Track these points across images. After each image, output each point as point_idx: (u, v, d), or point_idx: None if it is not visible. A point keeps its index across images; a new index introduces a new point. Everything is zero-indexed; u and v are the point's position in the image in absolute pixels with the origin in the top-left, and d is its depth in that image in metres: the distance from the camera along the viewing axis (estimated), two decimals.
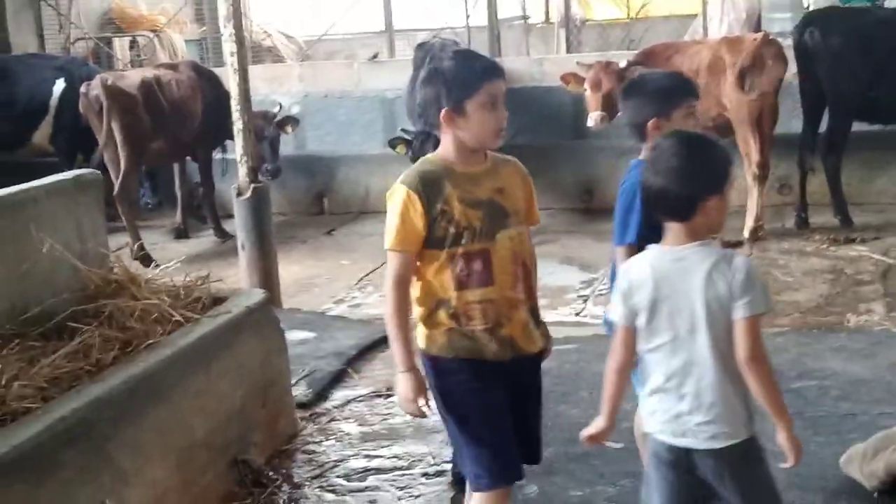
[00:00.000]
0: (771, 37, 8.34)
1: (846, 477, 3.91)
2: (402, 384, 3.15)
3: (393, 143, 8.26)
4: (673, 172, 2.71)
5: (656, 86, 3.58)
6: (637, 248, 3.03)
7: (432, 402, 3.20)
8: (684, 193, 2.69)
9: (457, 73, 3.12)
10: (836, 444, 4.12)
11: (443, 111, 3.09)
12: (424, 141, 8.12)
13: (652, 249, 2.81)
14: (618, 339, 2.83)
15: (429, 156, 3.22)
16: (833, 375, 5.04)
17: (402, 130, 8.36)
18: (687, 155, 2.73)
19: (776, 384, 2.72)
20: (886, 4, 11.05)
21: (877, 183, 8.83)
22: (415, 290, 3.18)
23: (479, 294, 3.11)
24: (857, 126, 8.16)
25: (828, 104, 8.14)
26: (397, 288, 3.12)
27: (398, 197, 3.10)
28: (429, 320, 3.16)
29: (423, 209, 3.07)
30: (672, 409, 2.74)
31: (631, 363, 2.85)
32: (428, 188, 3.09)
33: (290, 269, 7.71)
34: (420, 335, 3.20)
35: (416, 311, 3.19)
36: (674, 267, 2.73)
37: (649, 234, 2.95)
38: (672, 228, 2.76)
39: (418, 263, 3.14)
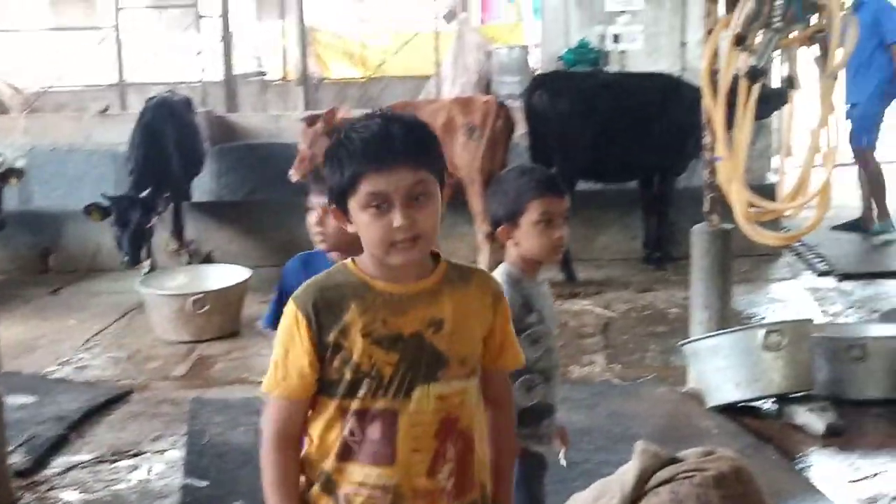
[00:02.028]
0: (500, 98, 8.66)
1: None
2: None
3: (87, 210, 7.97)
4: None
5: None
6: None
7: None
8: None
9: None
10: (562, 492, 4.25)
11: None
12: (128, 208, 7.94)
13: None
14: None
15: (347, 261, 2.28)
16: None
17: (102, 195, 8.09)
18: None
19: None
20: (608, 69, 11.68)
21: (599, 240, 9.25)
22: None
23: (371, 474, 2.20)
24: (582, 185, 8.53)
25: (555, 164, 8.47)
26: (277, 449, 2.24)
27: (285, 320, 2.23)
28: (302, 497, 2.27)
29: (310, 340, 2.19)
30: None
31: None
32: (324, 310, 2.19)
33: (12, 330, 7.35)
34: None
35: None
36: None
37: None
38: None
39: (310, 412, 2.27)
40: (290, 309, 2.22)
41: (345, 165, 2.15)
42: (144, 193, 7.99)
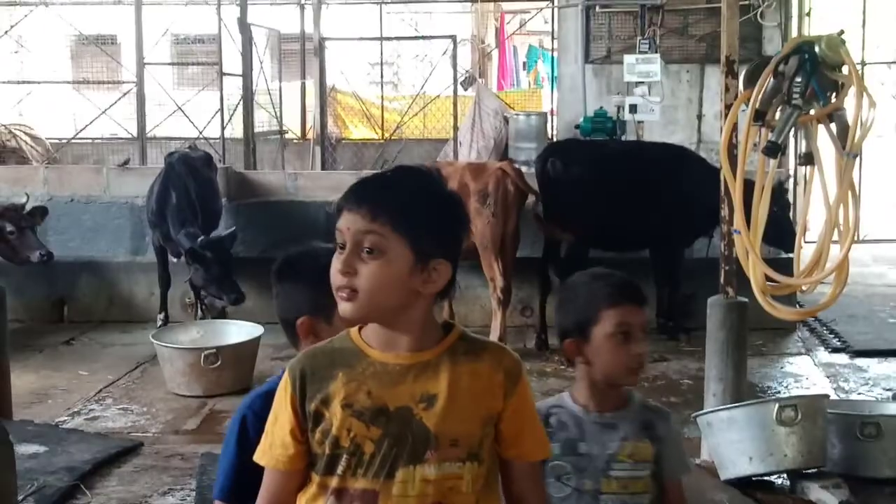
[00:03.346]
0: (514, 164, 8.71)
1: None
2: None
3: (196, 254, 8.08)
4: None
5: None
6: None
7: None
8: None
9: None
10: None
11: None
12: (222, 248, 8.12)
13: None
14: None
15: (353, 328, 2.11)
16: None
17: (198, 241, 8.17)
18: None
19: None
20: (625, 138, 11.77)
21: None
22: None
23: None
24: (594, 252, 8.55)
25: (567, 231, 8.50)
26: None
27: (280, 386, 2.12)
28: None
29: (292, 408, 2.07)
30: None
31: None
32: (310, 377, 2.06)
33: (25, 379, 7.36)
34: None
35: None
36: None
37: None
38: None
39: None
40: (285, 374, 2.11)
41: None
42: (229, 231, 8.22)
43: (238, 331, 7.67)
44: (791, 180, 9.70)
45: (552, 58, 14.11)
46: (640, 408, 2.71)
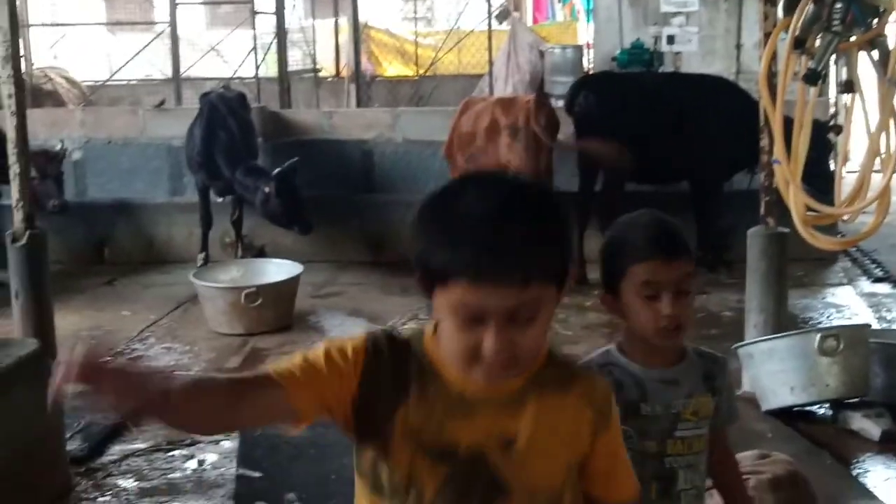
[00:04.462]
0: (547, 97, 8.62)
1: None
2: None
3: (285, 176, 8.11)
4: None
5: None
6: None
7: None
8: None
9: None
10: None
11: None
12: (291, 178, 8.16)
13: None
14: None
15: (428, 329, 1.78)
16: None
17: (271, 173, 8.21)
18: None
19: None
20: (662, 70, 11.64)
21: None
22: None
23: None
24: (632, 186, 8.49)
25: (601, 166, 8.44)
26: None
27: (347, 343, 1.75)
28: None
29: (344, 374, 1.72)
30: None
31: None
32: (386, 368, 1.74)
33: (68, 320, 7.43)
34: None
35: None
36: None
37: None
38: None
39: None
40: (356, 338, 1.77)
41: None
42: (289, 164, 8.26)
43: (278, 269, 7.71)
44: (834, 119, 9.53)
45: None
46: (697, 358, 2.47)
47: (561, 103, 9.01)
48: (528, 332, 1.64)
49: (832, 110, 9.52)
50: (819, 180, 7.46)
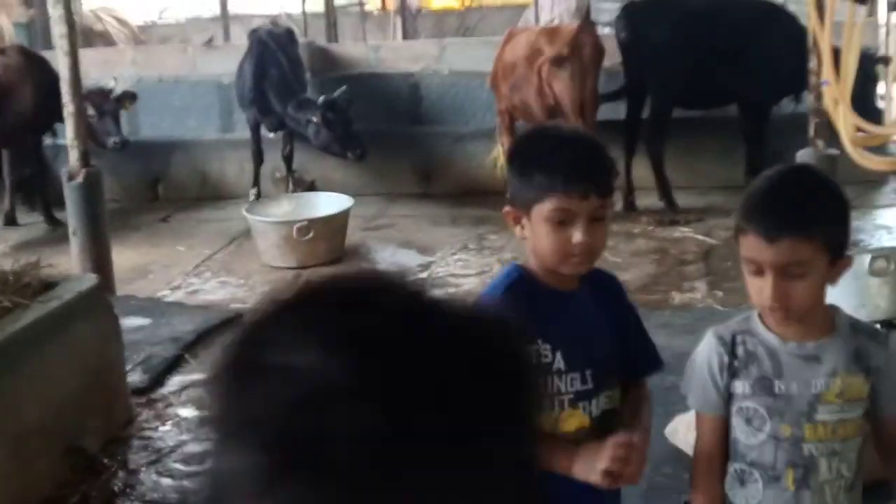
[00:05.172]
0: (590, 25, 8.55)
1: (672, 445, 4.09)
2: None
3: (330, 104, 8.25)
4: None
5: None
6: None
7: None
8: None
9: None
10: (663, 415, 4.30)
11: None
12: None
13: None
14: None
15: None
16: (659, 350, 5.25)
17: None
18: None
19: None
20: None
21: (700, 167, 9.16)
22: None
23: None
24: (680, 112, 8.45)
25: (649, 91, 8.40)
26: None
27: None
28: None
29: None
30: None
31: None
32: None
33: (125, 256, 7.58)
34: None
35: None
36: None
37: None
38: None
39: None
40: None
41: None
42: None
43: (328, 203, 7.80)
44: (881, 49, 9.34)
45: None
46: (850, 332, 2.24)
47: (607, 30, 8.95)
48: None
49: (882, 30, 9.34)
50: (865, 113, 7.41)
